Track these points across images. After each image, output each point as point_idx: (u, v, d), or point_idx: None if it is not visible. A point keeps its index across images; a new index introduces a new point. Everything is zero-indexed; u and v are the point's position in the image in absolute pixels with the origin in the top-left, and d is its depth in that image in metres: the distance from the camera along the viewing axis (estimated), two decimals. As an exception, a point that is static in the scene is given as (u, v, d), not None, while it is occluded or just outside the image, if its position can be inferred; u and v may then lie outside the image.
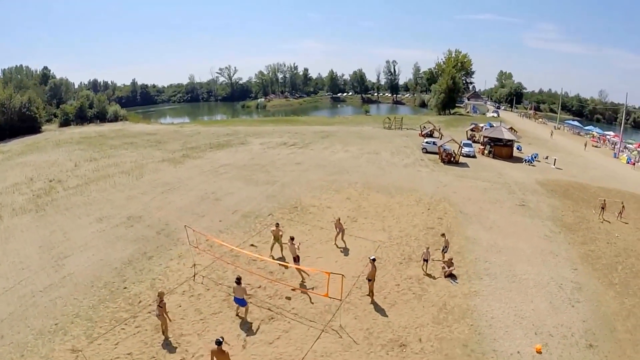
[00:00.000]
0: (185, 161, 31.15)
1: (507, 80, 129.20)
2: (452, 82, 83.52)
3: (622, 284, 14.89)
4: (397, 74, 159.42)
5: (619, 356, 10.97)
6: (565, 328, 12.09)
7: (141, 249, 16.36)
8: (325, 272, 12.21)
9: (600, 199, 22.96)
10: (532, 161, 36.67)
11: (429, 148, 39.15)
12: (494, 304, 13.30)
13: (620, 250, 17.90)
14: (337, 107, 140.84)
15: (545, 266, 16.05)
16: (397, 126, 59.64)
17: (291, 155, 35.61)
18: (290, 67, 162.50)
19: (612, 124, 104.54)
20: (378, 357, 10.63)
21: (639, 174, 39.88)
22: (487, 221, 20.85)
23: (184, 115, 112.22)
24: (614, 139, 58.45)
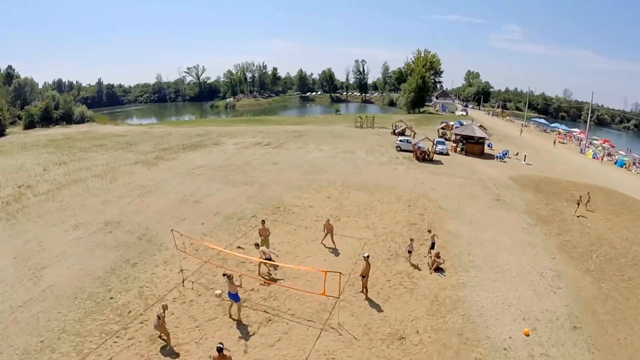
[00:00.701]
0: (159, 163, 30.14)
1: (475, 80, 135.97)
2: (421, 81, 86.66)
3: (598, 270, 16.27)
4: (366, 74, 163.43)
5: (602, 335, 12.04)
6: (550, 313, 13.06)
7: (123, 255, 15.73)
8: (322, 270, 12.35)
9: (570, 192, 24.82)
10: (504, 158, 38.90)
11: (403, 146, 40.44)
12: (482, 294, 14.08)
13: (594, 239, 19.51)
14: (306, 106, 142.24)
15: (526, 256, 17.17)
16: (369, 125, 61.06)
17: (266, 155, 35.44)
18: (259, 67, 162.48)
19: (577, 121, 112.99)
20: (380, 351, 10.96)
21: (605, 168, 43.59)
22: (466, 216, 21.93)
23: (151, 115, 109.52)
24: (579, 136, 63.29)
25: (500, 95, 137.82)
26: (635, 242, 19.37)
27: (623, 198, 28.37)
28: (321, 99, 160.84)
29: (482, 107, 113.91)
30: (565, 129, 71.88)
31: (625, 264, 16.81)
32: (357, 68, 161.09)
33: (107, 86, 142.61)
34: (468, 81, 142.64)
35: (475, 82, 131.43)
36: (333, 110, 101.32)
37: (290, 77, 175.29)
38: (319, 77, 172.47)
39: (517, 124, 79.24)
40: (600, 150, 52.37)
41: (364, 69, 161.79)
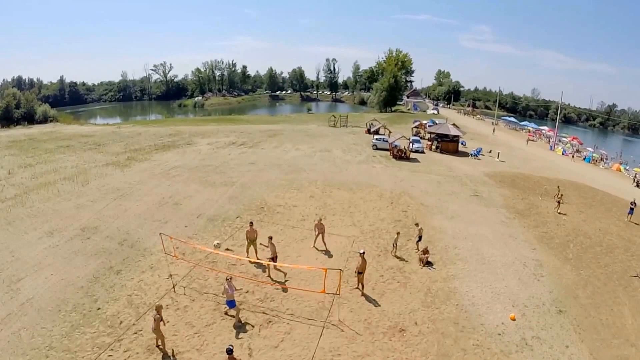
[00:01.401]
0: (132, 164, 29.07)
1: (446, 79, 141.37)
2: (394, 80, 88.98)
3: (576, 258, 17.69)
4: (337, 72, 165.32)
5: (586, 317, 13.19)
6: (537, 299, 14.08)
7: (105, 263, 15.10)
8: (323, 268, 12.62)
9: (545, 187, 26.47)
10: (478, 155, 40.88)
11: (379, 145, 41.43)
12: (471, 285, 14.91)
13: (569, 230, 21.11)
14: (275, 105, 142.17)
15: (508, 248, 18.31)
16: (342, 124, 61.96)
17: (243, 155, 35.13)
18: (228, 65, 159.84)
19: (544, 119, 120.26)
20: (382, 344, 11.38)
21: (575, 164, 46.85)
22: (447, 211, 22.96)
23: (117, 115, 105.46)
24: (549, 133, 67.53)
25: (470, 94, 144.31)
26: (607, 232, 21.20)
27: (593, 192, 30.81)
28: (291, 98, 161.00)
29: (453, 106, 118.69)
30: (535, 127, 76.45)
31: (601, 252, 18.40)
32: (328, 67, 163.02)
33: (70, 84, 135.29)
34: (439, 80, 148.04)
35: (446, 82, 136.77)
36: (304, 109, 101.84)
37: (260, 76, 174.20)
38: (289, 76, 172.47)
39: (488, 122, 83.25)
40: (569, 147, 56.24)
41: (334, 67, 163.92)
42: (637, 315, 13.67)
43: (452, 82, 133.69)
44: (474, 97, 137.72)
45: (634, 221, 23.99)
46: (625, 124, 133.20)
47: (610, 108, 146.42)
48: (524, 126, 79.91)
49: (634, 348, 11.98)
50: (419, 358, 10.92)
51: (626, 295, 14.97)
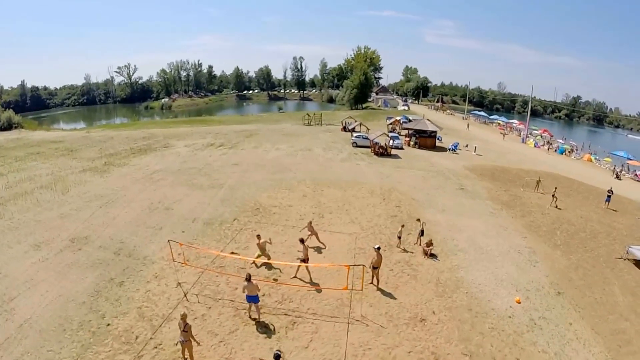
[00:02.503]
0: (111, 170, 27.93)
1: (413, 75, 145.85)
2: (364, 77, 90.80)
3: (564, 244, 19.37)
4: (304, 71, 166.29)
5: (582, 297, 14.63)
6: (536, 283, 15.40)
7: (104, 275, 14.53)
8: (345, 265, 13.11)
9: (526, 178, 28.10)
10: (455, 150, 42.91)
11: (359, 142, 42.43)
12: (475, 273, 16.00)
13: (554, 219, 22.97)
14: (243, 105, 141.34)
15: (501, 238, 19.70)
16: (317, 122, 62.59)
17: (224, 156, 34.78)
18: (194, 65, 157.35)
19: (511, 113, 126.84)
20: (407, 334, 12.03)
21: (549, 156, 50.17)
22: (438, 205, 24.18)
23: (80, 119, 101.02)
24: (519, 127, 71.65)
25: (437, 89, 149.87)
26: (589, 218, 23.31)
27: (569, 181, 33.47)
28: (258, 98, 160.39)
29: (421, 102, 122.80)
30: (505, 121, 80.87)
31: (585, 238, 20.27)
32: (295, 65, 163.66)
33: (32, 89, 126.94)
34: (406, 77, 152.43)
35: (414, 77, 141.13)
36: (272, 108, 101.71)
37: (226, 76, 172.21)
38: (256, 75, 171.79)
39: (458, 117, 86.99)
40: (540, 140, 60.09)
41: (301, 65, 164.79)
42: (626, 293, 15.40)
43: (420, 78, 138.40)
44: (441, 92, 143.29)
45: (611, 208, 26.53)
46: (590, 115, 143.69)
47: (575, 100, 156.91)
48: (493, 120, 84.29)
49: (628, 322, 13.55)
50: (444, 344, 11.70)
51: (614, 276, 16.74)
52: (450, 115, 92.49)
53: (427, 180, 29.95)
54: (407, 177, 30.44)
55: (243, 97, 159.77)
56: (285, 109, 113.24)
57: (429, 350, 11.42)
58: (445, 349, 11.56)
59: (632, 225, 21.43)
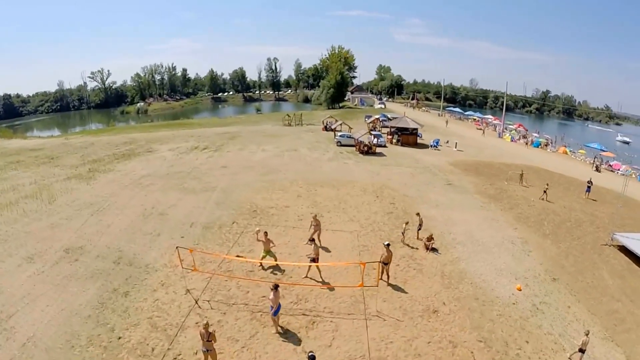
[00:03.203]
0: (97, 176, 26.94)
1: (387, 73, 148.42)
2: (340, 77, 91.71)
3: (553, 233, 20.58)
4: (279, 71, 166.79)
5: (575, 282, 15.70)
6: (532, 271, 16.34)
7: (106, 285, 14.01)
8: (361, 263, 13.46)
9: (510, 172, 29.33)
10: (437, 146, 44.27)
11: (343, 141, 42.99)
12: (476, 264, 16.77)
13: (540, 210, 24.28)
14: (218, 107, 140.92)
15: (493, 230, 20.68)
16: (297, 122, 62.80)
17: (210, 159, 34.39)
18: (168, 68, 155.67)
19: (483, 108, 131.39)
20: (424, 325, 12.50)
21: (526, 149, 52.34)
22: (430, 201, 25.00)
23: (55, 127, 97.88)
24: (495, 122, 74.46)
25: (410, 87, 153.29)
26: (572, 208, 24.82)
27: (549, 173, 35.32)
28: (234, 99, 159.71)
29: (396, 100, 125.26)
30: (480, 116, 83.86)
31: (571, 227, 21.62)
32: (270, 66, 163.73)
33: (4, 96, 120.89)
34: (380, 75, 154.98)
35: (388, 76, 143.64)
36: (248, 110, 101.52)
37: (201, 78, 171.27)
38: (230, 77, 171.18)
39: (434, 114, 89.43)
40: (515, 134, 62.72)
41: (276, 66, 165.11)
42: (614, 277, 16.66)
43: (394, 76, 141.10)
44: (415, 90, 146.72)
45: (591, 198, 28.30)
46: (559, 108, 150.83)
47: (545, 94, 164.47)
48: (468, 116, 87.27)
49: (620, 303, 14.70)
50: (459, 332, 12.25)
51: (602, 261, 18.03)
52: (425, 112, 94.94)
53: (415, 177, 30.83)
54: (396, 174, 31.19)
55: (218, 99, 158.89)
56: (262, 110, 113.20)
57: (446, 340, 11.92)
58: (461, 337, 12.12)
59: (613, 214, 23.06)
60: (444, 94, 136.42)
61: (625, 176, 34.10)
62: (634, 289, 15.91)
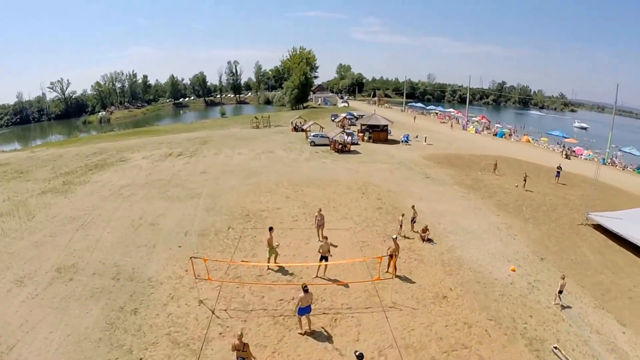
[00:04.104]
0: (73, 189, 25.18)
1: (348, 72, 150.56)
2: (304, 77, 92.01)
3: (532, 218, 22.16)
4: (240, 74, 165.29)
5: (561, 260, 17.12)
6: (521, 253, 17.60)
7: (111, 304, 13.19)
8: (378, 257, 13.90)
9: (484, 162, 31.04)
10: (407, 141, 45.80)
11: (317, 141, 43.35)
12: (470, 251, 17.77)
13: (517, 197, 25.96)
14: (180, 113, 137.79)
15: (479, 218, 21.93)
16: (265, 124, 62.49)
17: (188, 165, 33.44)
18: (129, 75, 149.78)
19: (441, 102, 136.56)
20: (437, 311, 13.14)
21: (492, 140, 54.76)
22: (414, 194, 25.96)
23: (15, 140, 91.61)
24: (457, 115, 77.73)
25: (370, 84, 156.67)
26: (546, 193, 26.72)
27: (517, 162, 37.62)
28: (195, 104, 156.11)
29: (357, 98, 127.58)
30: (442, 110, 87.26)
31: (548, 210, 23.37)
32: (230, 69, 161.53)
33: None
34: (340, 74, 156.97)
35: (348, 74, 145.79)
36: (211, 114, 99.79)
37: (161, 84, 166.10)
38: (191, 82, 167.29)
39: (396, 109, 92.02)
40: (479, 125, 65.93)
41: (236, 69, 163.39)
42: (594, 253, 18.38)
43: (355, 75, 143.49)
44: (374, 87, 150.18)
45: (561, 182, 30.63)
46: (516, 98, 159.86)
47: (501, 85, 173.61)
48: (430, 110, 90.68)
49: (603, 275, 16.29)
50: (470, 314, 13.00)
51: (581, 240, 19.76)
52: (388, 108, 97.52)
53: (394, 172, 31.81)
54: (375, 171, 31.99)
55: (180, 105, 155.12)
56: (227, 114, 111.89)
57: (460, 322, 12.62)
58: (473, 317, 12.87)
59: (582, 196, 25.27)
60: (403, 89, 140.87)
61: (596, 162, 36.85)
62: (613, 262, 17.67)
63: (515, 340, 12.06)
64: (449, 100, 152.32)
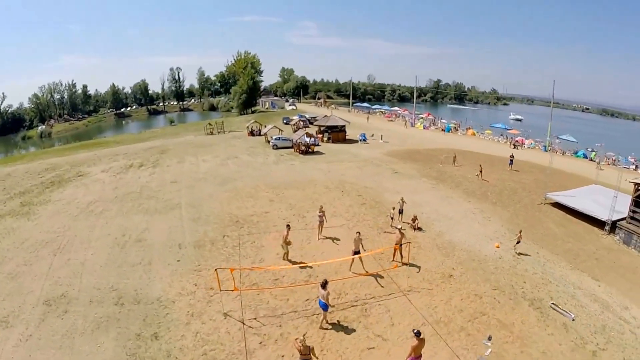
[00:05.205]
0: (35, 210, 22.05)
1: (291, 75, 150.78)
2: (252, 82, 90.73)
3: (499, 202, 24.44)
4: (182, 81, 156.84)
5: (533, 235, 19.46)
6: (499, 232, 19.47)
7: (124, 333, 11.79)
8: (395, 246, 14.71)
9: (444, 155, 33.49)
10: (365, 140, 47.50)
11: (279, 144, 43.23)
12: (457, 234, 19.25)
13: (480, 184, 28.22)
14: (122, 124, 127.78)
15: (453, 205, 23.69)
16: (219, 130, 60.93)
17: (154, 175, 31.45)
18: (68, 86, 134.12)
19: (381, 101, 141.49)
20: (449, 288, 14.31)
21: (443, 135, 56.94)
22: (389, 188, 27.06)
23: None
24: (404, 113, 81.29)
25: (312, 86, 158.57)
26: (503, 180, 29.35)
27: (471, 154, 40.57)
28: (138, 114, 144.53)
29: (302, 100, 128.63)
30: (388, 109, 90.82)
31: (510, 194, 25.90)
32: (173, 76, 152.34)
33: None
34: (283, 77, 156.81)
35: (292, 77, 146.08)
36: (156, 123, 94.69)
37: (101, 94, 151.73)
38: (132, 90, 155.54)
39: (343, 110, 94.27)
40: (426, 122, 69.56)
41: (179, 76, 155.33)
42: (558, 226, 20.96)
43: (299, 78, 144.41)
44: (316, 89, 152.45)
45: (514, 169, 33.88)
46: (451, 95, 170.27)
47: (437, 83, 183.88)
48: (376, 109, 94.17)
49: (569, 243, 18.76)
50: (477, 287, 14.39)
51: (544, 216, 22.34)
52: (335, 109, 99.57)
53: (363, 170, 32.88)
54: (345, 169, 32.72)
55: (122, 114, 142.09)
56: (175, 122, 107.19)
57: (472, 294, 13.86)
58: (480, 289, 14.17)
59: (534, 180, 28.35)
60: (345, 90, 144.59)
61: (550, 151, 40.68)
62: (575, 232, 20.37)
63: (519, 302, 13.57)
64: (388, 99, 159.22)
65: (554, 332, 12.22)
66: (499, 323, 12.49)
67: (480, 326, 12.25)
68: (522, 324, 12.54)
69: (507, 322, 12.57)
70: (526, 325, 12.49)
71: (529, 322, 12.61)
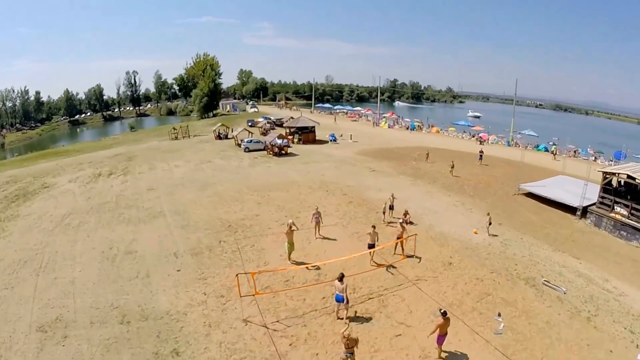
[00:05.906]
0: (3, 227, 19.00)
1: (250, 77, 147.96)
2: (213, 85, 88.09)
3: (476, 194, 25.76)
4: (139, 85, 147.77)
5: (513, 223, 20.79)
6: (482, 222, 20.41)
7: (139, 354, 10.89)
8: (403, 239, 15.16)
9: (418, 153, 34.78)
10: (335, 140, 47.99)
11: (251, 147, 42.35)
12: (446, 226, 20.10)
13: (455, 179, 29.37)
14: (77, 132, 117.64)
15: (435, 199, 24.64)
16: (184, 135, 58.69)
17: (127, 184, 29.54)
18: (21, 92, 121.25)
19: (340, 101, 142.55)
20: (452, 274, 15.10)
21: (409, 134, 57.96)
22: (372, 186, 27.22)
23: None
24: (367, 113, 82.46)
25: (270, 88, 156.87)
26: (476, 174, 30.85)
27: (440, 151, 41.87)
28: (93, 121, 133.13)
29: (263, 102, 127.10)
30: (351, 109, 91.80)
31: (485, 187, 27.39)
32: (129, 80, 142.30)
33: None
34: (242, 79, 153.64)
35: (251, 79, 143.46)
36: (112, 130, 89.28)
37: (54, 101, 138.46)
38: (87, 96, 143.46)
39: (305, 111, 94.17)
40: (389, 120, 70.98)
41: (135, 80, 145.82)
42: (534, 214, 22.58)
43: (259, 80, 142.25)
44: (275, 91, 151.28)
45: (484, 163, 35.69)
46: (409, 94, 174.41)
47: (394, 83, 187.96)
48: (338, 110, 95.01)
49: (547, 229, 20.36)
50: (476, 271, 15.39)
51: (520, 206, 23.98)
52: (296, 111, 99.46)
53: (340, 169, 33.12)
54: (323, 169, 32.60)
55: (76, 122, 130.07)
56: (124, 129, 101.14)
57: (474, 278, 14.75)
58: (480, 273, 15.11)
59: (505, 173, 30.23)
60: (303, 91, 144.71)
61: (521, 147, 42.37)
62: (550, 219, 22.15)
63: (516, 282, 14.69)
64: (347, 100, 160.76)
65: (551, 305, 13.37)
66: (503, 301, 13.40)
67: (488, 305, 13.12)
68: (523, 300, 13.60)
69: (510, 299, 13.53)
70: (527, 301, 13.54)
71: (528, 298, 13.68)
